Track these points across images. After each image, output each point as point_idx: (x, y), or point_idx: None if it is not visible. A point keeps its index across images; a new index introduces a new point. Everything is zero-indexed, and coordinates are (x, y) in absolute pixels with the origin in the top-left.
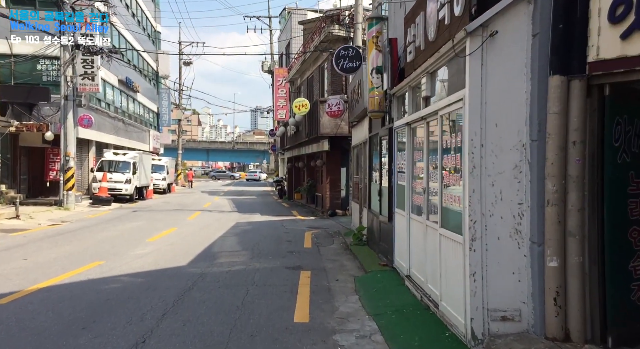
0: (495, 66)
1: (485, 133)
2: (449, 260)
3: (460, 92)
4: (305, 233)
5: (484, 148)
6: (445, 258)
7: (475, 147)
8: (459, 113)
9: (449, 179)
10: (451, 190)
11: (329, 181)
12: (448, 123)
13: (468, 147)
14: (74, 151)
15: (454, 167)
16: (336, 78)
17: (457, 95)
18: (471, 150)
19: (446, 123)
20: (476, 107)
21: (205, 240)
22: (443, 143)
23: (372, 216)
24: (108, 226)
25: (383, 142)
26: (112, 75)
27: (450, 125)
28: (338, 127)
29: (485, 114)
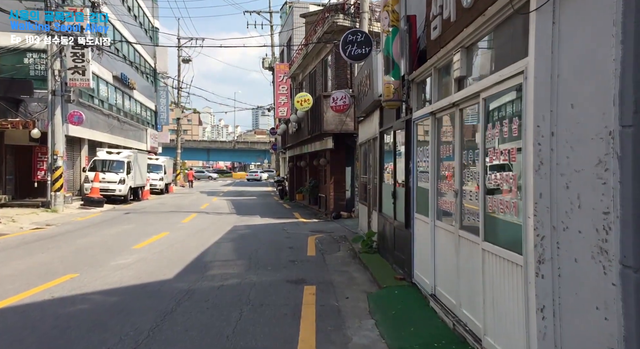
0: (572, 25)
1: (557, 117)
2: (498, 285)
3: (518, 63)
4: (308, 238)
5: (555, 138)
6: (492, 282)
7: (543, 136)
8: (512, 93)
9: (497, 180)
10: (501, 191)
11: (333, 182)
12: (494, 108)
13: (533, 136)
14: (62, 149)
15: (503, 165)
16: (341, 72)
17: (512, 68)
18: (537, 141)
19: (491, 106)
20: (544, 82)
21: (198, 246)
22: (487, 135)
23: (383, 220)
24: (94, 231)
25: (398, 136)
26: (106, 71)
27: (498, 110)
28: (343, 123)
29: (557, 91)
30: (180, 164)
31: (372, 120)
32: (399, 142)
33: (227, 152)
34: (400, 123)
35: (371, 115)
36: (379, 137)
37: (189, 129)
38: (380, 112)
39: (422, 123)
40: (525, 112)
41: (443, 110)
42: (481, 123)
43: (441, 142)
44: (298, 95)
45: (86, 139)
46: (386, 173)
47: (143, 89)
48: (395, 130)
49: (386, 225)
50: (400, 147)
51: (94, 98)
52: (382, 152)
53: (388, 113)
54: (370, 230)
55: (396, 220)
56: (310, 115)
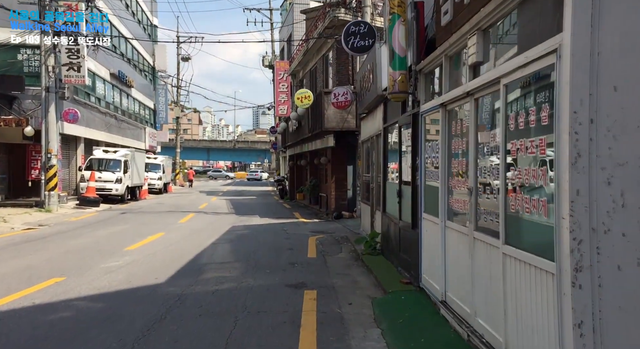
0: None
1: (598, 101)
2: (524, 295)
3: (549, 41)
4: (308, 238)
5: (595, 126)
6: (515, 291)
7: (581, 123)
8: (540, 77)
9: (522, 176)
10: (528, 189)
11: (334, 181)
12: (518, 95)
13: (569, 124)
14: (56, 148)
15: (530, 158)
16: (342, 68)
17: (541, 48)
18: (574, 129)
19: (513, 94)
20: (582, 61)
21: (194, 248)
22: (509, 125)
23: (388, 220)
24: (87, 232)
25: (404, 132)
26: (103, 68)
27: (523, 97)
28: (344, 121)
29: (597, 72)
30: (180, 163)
31: (375, 116)
32: (405, 138)
33: (228, 152)
34: (407, 117)
35: (374, 111)
36: (382, 133)
37: (189, 128)
38: (384, 107)
39: (431, 116)
40: (559, 96)
41: (455, 101)
42: (502, 113)
43: (452, 136)
44: (298, 92)
45: (82, 137)
46: (390, 171)
47: (142, 87)
48: (401, 125)
49: (391, 225)
50: (406, 143)
51: (91, 95)
52: (385, 149)
53: (392, 108)
54: (373, 230)
55: (402, 220)
56: (310, 113)
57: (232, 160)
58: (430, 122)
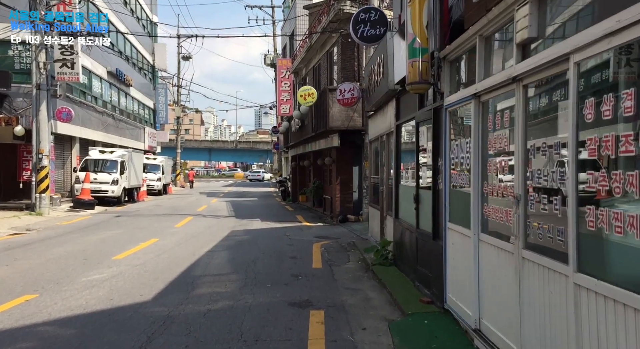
0: None
1: None
2: (614, 343)
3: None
4: (313, 245)
5: None
6: (596, 335)
7: None
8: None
9: (607, 182)
10: (622, 201)
11: (339, 182)
12: (598, 73)
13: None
14: (48, 148)
15: (619, 159)
16: (347, 64)
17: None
18: None
19: (588, 74)
20: None
21: (188, 256)
22: (585, 114)
23: (401, 228)
24: (75, 237)
25: (422, 128)
26: (99, 66)
27: (606, 76)
28: (350, 119)
29: None
30: (180, 164)
31: (385, 113)
32: (423, 136)
33: (229, 152)
34: (426, 112)
35: (384, 107)
36: (394, 131)
37: (190, 129)
38: (396, 103)
39: (459, 110)
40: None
41: (493, 90)
42: (571, 99)
43: (488, 132)
44: (301, 89)
45: (77, 137)
46: (404, 174)
47: (141, 87)
48: (418, 121)
49: (405, 233)
50: (424, 142)
51: (86, 94)
52: (398, 148)
53: (407, 103)
54: (384, 237)
55: (419, 229)
56: (314, 111)
57: (234, 161)
58: (456, 116)
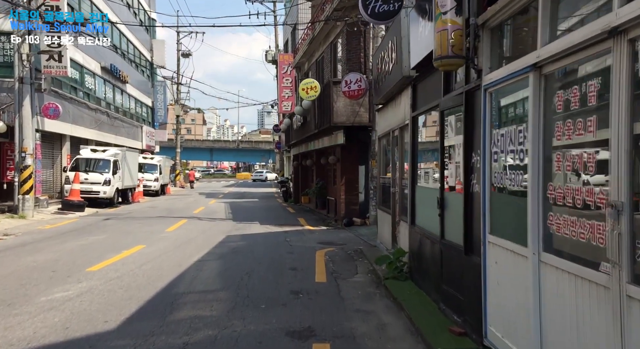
0: None
1: None
2: None
3: None
4: (316, 253)
5: None
6: None
7: None
8: None
9: None
10: None
11: (344, 183)
12: None
13: None
14: (32, 146)
15: None
16: (353, 55)
17: None
18: None
19: None
20: None
21: (174, 268)
22: None
23: (419, 236)
24: (53, 244)
25: (450, 117)
26: (92, 61)
27: None
28: (356, 114)
29: None
30: (180, 164)
31: (397, 104)
32: (450, 126)
33: (231, 152)
34: (454, 97)
35: (396, 98)
36: (410, 124)
37: (192, 128)
38: (412, 91)
39: (503, 89)
40: None
41: (569, 54)
42: None
43: (556, 114)
44: (303, 82)
45: (68, 135)
46: (422, 173)
47: (138, 84)
48: (444, 109)
49: (425, 243)
50: (451, 134)
51: (78, 90)
52: (415, 143)
53: (426, 90)
54: (397, 246)
55: (445, 240)
56: (317, 106)
57: (235, 161)
58: (499, 98)
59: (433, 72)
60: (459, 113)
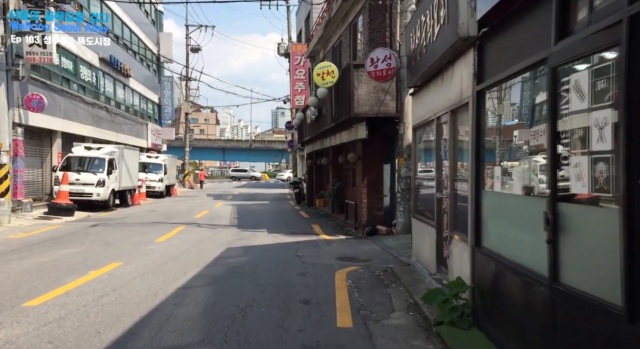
0: None
1: None
2: None
3: None
4: (335, 275)
5: None
6: None
7: None
8: None
9: None
10: None
11: (366, 184)
12: None
13: None
14: (8, 141)
15: None
16: (377, 35)
17: None
18: None
19: None
20: None
21: (145, 300)
22: None
23: (492, 265)
24: (9, 260)
25: (574, 78)
26: (89, 51)
27: None
28: (381, 103)
29: None
30: (190, 163)
31: (446, 80)
32: (579, 91)
33: (244, 152)
34: (593, 37)
35: (444, 73)
36: (473, 102)
37: (205, 128)
38: (477, 56)
39: None
40: None
41: None
42: None
43: None
44: (319, 66)
45: (59, 131)
46: (495, 172)
47: (144, 79)
48: (562, 63)
49: (505, 278)
50: (586, 102)
51: (71, 82)
52: (480, 130)
53: (506, 47)
54: (447, 272)
55: (561, 284)
56: (334, 95)
57: (248, 161)
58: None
59: (524, 15)
60: (601, 65)
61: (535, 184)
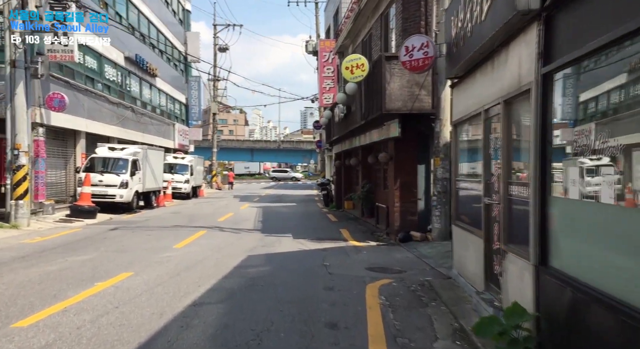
0: None
1: None
2: None
3: None
4: (366, 289)
5: None
6: None
7: None
8: None
9: None
10: None
11: (399, 186)
12: None
13: None
14: (27, 142)
15: None
16: (410, 24)
17: None
18: None
19: None
20: None
21: (149, 321)
22: None
23: (568, 293)
24: (14, 268)
25: None
26: (114, 50)
27: None
28: (415, 99)
29: None
30: (217, 164)
31: (498, 65)
32: None
33: (272, 152)
34: None
35: (496, 57)
36: (537, 88)
37: (234, 129)
38: (543, 32)
39: None
40: None
41: None
42: None
43: None
44: (347, 59)
45: (83, 132)
46: (570, 174)
47: (171, 79)
48: None
49: (592, 313)
50: None
51: (95, 81)
52: (546, 121)
53: (585, 16)
54: (508, 296)
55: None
56: (364, 91)
57: (277, 161)
58: None
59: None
60: None
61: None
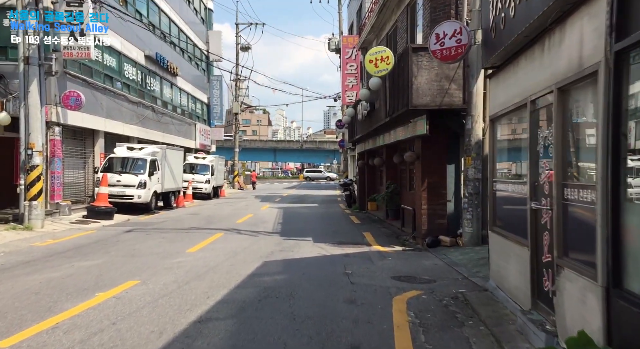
0: None
1: None
2: None
3: None
4: (392, 302)
5: None
6: None
7: None
8: None
9: None
10: None
11: (426, 187)
12: None
13: None
14: (41, 141)
15: None
16: (439, 14)
17: None
18: None
19: None
20: None
21: (148, 339)
22: None
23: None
24: (16, 275)
25: None
26: (134, 48)
27: None
28: (444, 93)
29: None
30: (239, 164)
31: (552, 48)
32: None
33: (295, 152)
34: None
35: (546, 38)
36: (606, 70)
37: (257, 129)
38: None
39: None
40: None
41: None
42: None
43: None
44: (371, 51)
45: (101, 131)
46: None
47: (193, 78)
48: None
49: None
50: None
51: (115, 80)
52: (619, 112)
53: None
54: (565, 321)
55: None
56: (389, 85)
57: (300, 161)
58: None
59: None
60: None
61: None
